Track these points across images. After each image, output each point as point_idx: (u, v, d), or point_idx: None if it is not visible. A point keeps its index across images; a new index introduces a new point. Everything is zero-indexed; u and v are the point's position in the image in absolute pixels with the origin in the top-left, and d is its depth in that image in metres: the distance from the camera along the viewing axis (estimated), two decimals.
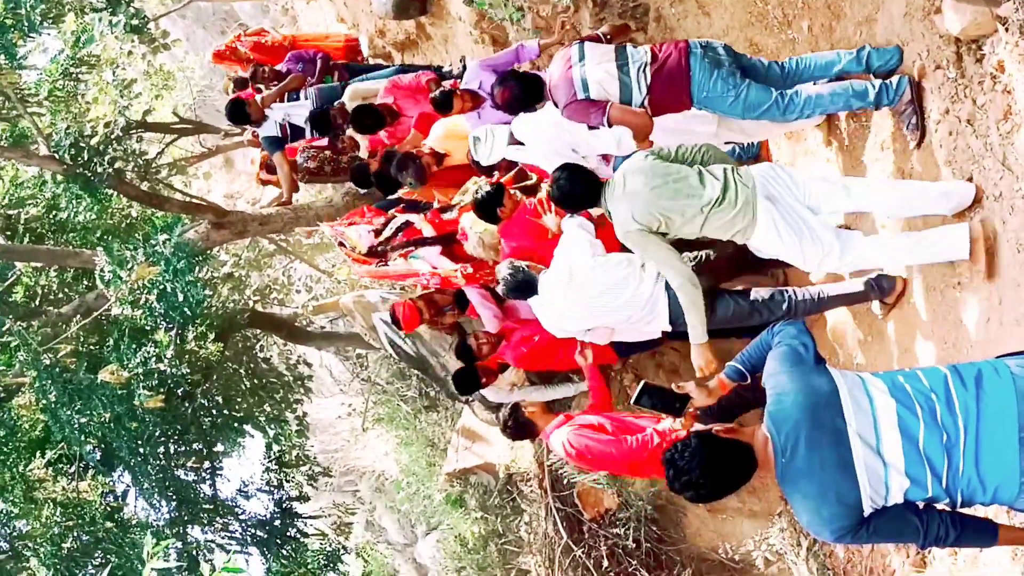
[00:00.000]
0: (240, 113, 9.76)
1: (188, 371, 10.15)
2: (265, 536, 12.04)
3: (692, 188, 5.22)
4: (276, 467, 12.98)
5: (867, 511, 3.39)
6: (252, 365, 13.54)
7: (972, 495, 3.35)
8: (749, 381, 4.19)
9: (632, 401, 4.45)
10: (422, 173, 7.95)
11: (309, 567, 12.35)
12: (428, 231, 8.07)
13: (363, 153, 9.68)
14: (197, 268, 9.34)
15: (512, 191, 6.94)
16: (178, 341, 9.91)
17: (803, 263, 5.29)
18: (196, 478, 11.85)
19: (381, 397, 15.23)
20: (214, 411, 12.11)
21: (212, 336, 11.33)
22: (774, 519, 8.15)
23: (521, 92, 6.41)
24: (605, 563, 9.55)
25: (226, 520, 11.84)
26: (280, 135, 9.70)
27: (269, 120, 9.61)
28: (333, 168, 10.13)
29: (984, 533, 3.57)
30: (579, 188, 5.58)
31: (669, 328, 6.04)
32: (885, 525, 3.41)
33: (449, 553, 13.45)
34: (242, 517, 12.13)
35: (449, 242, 8.00)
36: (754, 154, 7.19)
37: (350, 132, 9.71)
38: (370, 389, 15.68)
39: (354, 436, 18.76)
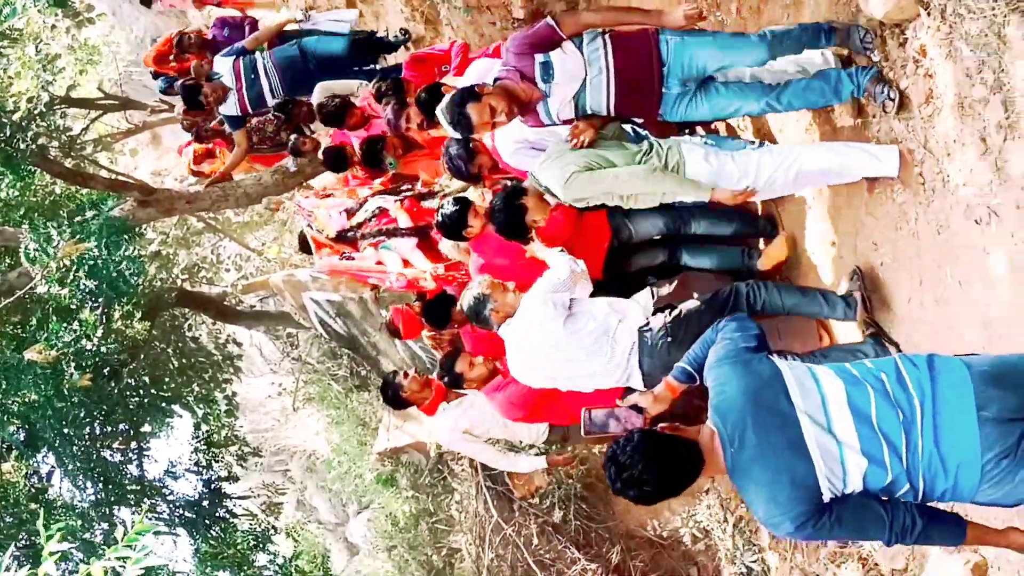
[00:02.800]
0: (196, 99, 9.36)
1: (115, 350, 10.01)
2: (193, 517, 11.95)
3: (620, 148, 5.32)
4: (205, 447, 12.88)
5: (826, 495, 3.23)
6: (180, 344, 13.39)
7: (934, 479, 3.24)
8: (699, 382, 3.97)
9: (583, 434, 4.11)
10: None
11: (239, 547, 12.27)
12: (404, 220, 7.41)
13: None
14: (127, 244, 9.20)
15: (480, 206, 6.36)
16: (104, 320, 9.76)
17: (738, 179, 5.25)
18: (123, 459, 11.70)
19: (312, 376, 15.16)
20: (141, 391, 11.95)
21: (139, 315, 11.18)
22: (701, 496, 8.28)
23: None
24: (535, 541, 9.64)
25: (154, 501, 11.72)
26: (240, 113, 9.43)
27: (229, 100, 9.32)
28: (271, 143, 9.94)
29: (952, 527, 3.41)
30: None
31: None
32: (848, 513, 3.25)
33: (380, 532, 13.45)
34: (170, 498, 12.02)
35: (426, 235, 7.38)
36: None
37: (313, 134, 9.45)
38: (301, 368, 15.60)
39: (285, 416, 18.64)
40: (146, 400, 11.89)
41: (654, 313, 5.60)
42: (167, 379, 12.50)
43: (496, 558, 10.12)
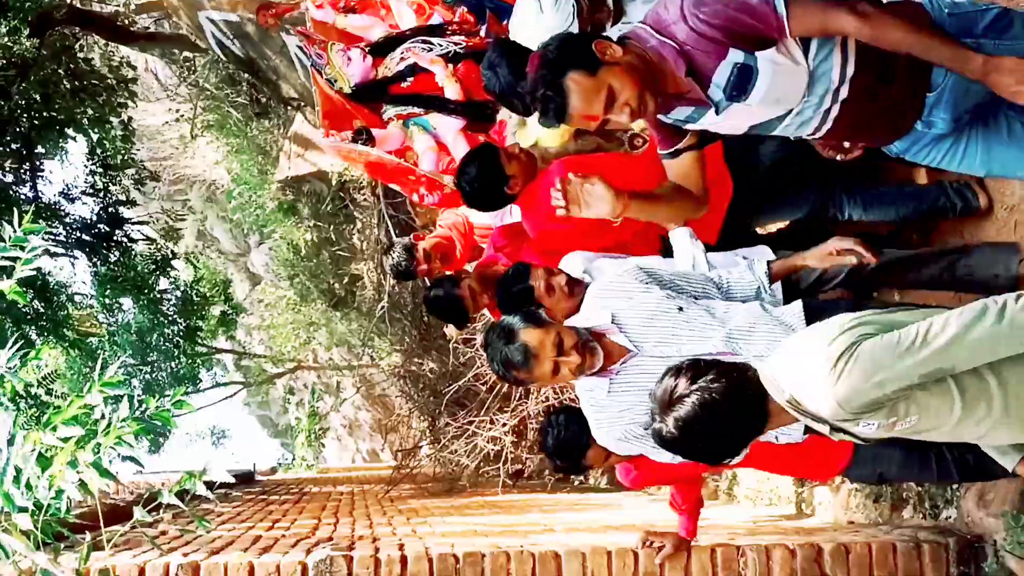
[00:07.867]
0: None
1: (2, 66, 9.64)
2: (91, 240, 11.90)
3: None
4: (101, 170, 12.68)
5: None
6: (72, 65, 12.92)
7: None
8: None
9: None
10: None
11: (139, 271, 12.33)
12: (452, 91, 5.16)
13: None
14: None
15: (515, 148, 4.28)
16: None
17: None
18: (15, 180, 11.50)
19: (210, 103, 14.84)
20: (33, 111, 11.62)
21: (26, 31, 10.74)
22: None
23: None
24: None
25: (49, 222, 11.62)
26: None
27: None
28: None
29: None
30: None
31: None
32: None
33: (282, 261, 13.61)
34: (66, 220, 11.92)
35: (480, 117, 5.09)
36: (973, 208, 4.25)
37: None
38: (199, 94, 15.23)
39: (183, 144, 18.35)
40: (37, 121, 11.58)
41: None
42: (60, 100, 12.14)
43: (397, 284, 10.32)
